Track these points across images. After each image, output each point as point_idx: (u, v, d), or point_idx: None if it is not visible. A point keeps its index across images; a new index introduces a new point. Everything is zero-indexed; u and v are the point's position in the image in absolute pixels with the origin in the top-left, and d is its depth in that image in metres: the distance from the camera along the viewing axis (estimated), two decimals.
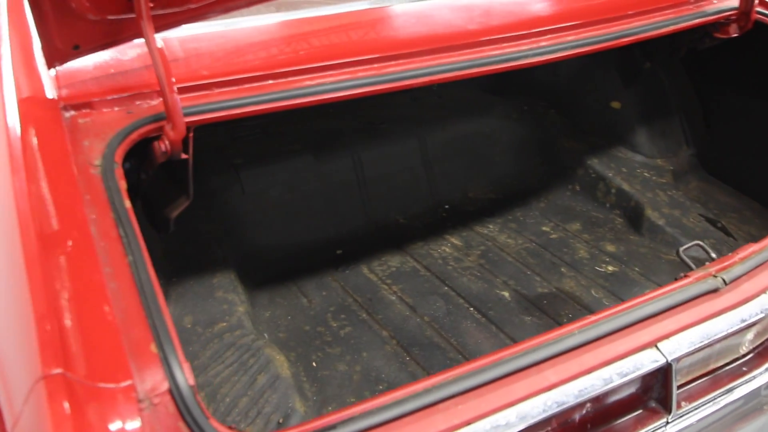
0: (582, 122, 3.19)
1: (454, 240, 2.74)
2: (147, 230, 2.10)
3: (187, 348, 1.98)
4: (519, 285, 2.48)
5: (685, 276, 1.58)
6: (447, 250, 2.69)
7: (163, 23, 1.49)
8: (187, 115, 1.55)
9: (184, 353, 1.15)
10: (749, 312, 1.57)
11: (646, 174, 2.96)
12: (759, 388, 1.63)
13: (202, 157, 2.63)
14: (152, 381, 1.10)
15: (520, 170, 3.13)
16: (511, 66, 1.96)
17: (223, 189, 2.54)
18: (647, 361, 1.43)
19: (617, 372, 1.39)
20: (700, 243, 1.79)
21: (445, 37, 1.94)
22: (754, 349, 1.65)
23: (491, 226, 2.85)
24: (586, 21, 2.21)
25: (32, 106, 1.47)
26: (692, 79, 3.01)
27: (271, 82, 1.68)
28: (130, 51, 1.67)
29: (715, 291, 1.57)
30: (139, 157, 1.65)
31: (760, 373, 1.63)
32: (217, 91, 1.64)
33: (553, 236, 2.78)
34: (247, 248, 2.53)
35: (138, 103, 1.59)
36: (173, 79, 1.44)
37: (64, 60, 1.54)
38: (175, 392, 1.10)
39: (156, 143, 1.52)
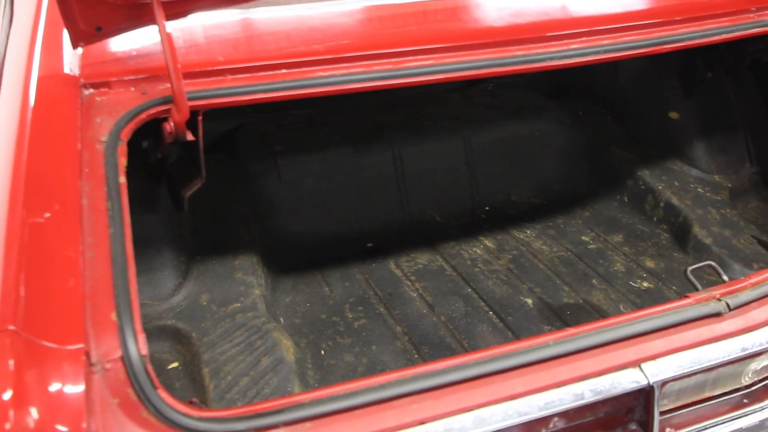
0: (638, 131, 3.07)
1: (488, 242, 2.71)
2: (175, 210, 2.20)
3: (198, 325, 2.06)
4: (545, 293, 2.42)
5: (686, 296, 1.50)
6: (478, 251, 2.65)
7: (177, 11, 1.56)
8: (195, 98, 1.61)
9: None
10: (753, 341, 1.47)
11: (700, 189, 2.81)
12: (762, 423, 1.53)
13: (244, 143, 2.72)
14: (106, 347, 1.15)
15: (567, 176, 3.04)
16: (542, 66, 1.90)
17: (261, 174, 2.61)
18: (626, 381, 1.37)
19: (591, 389, 1.34)
20: (713, 263, 1.69)
21: (470, 34, 1.91)
22: (760, 381, 1.55)
23: (528, 231, 2.79)
24: (626, 25, 2.12)
25: (51, 82, 1.57)
26: (763, 91, 2.83)
27: (284, 71, 1.72)
28: (154, 35, 1.75)
29: (717, 315, 1.48)
30: (155, 137, 1.73)
31: (763, 408, 1.53)
32: (230, 77, 1.69)
33: (592, 246, 2.70)
34: (278, 234, 2.59)
35: (153, 85, 1.66)
36: (179, 65, 1.50)
37: (88, 41, 1.62)
38: (126, 360, 1.15)
39: (164, 124, 1.59)
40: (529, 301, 2.39)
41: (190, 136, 1.64)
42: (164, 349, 2.03)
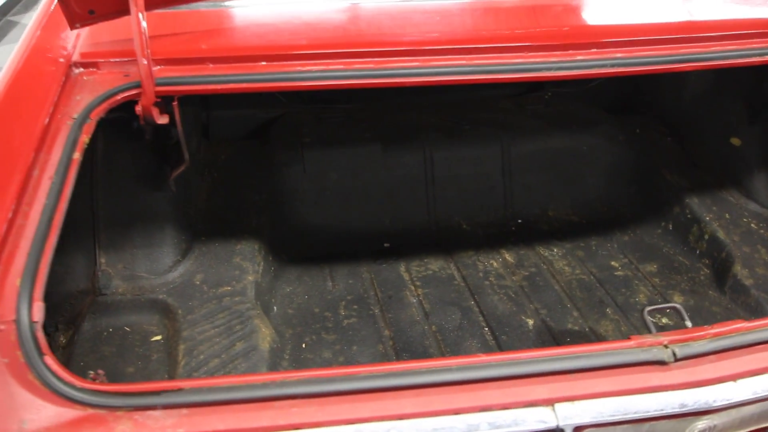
0: (697, 155, 2.83)
1: (508, 256, 2.60)
2: (187, 190, 2.29)
3: (186, 303, 2.13)
4: (550, 316, 2.30)
5: (630, 338, 1.38)
6: (495, 264, 2.56)
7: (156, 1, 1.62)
8: (169, 84, 1.67)
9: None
10: (696, 398, 1.32)
11: (753, 225, 2.55)
12: None
13: (277, 132, 2.78)
14: (4, 309, 1.23)
15: (612, 197, 2.86)
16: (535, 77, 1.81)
17: (285, 164, 2.65)
18: (532, 420, 1.27)
19: (489, 421, 1.26)
20: (677, 306, 1.54)
21: (462, 38, 1.85)
22: None
23: (555, 250, 2.65)
24: (690, 36, 1.96)
25: (41, 58, 1.68)
26: None
27: (264, 63, 1.74)
28: (152, 20, 1.83)
29: (660, 363, 1.34)
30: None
31: None
32: (211, 66, 1.73)
33: (618, 273, 2.53)
34: (295, 224, 2.62)
35: (137, 68, 1.73)
36: (148, 51, 1.57)
37: (83, 22, 1.72)
38: (18, 324, 1.22)
39: (135, 106, 1.66)
40: (531, 321, 2.28)
41: (161, 120, 1.70)
42: (152, 322, 2.12)
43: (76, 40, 1.78)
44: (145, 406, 1.23)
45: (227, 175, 2.59)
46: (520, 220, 2.81)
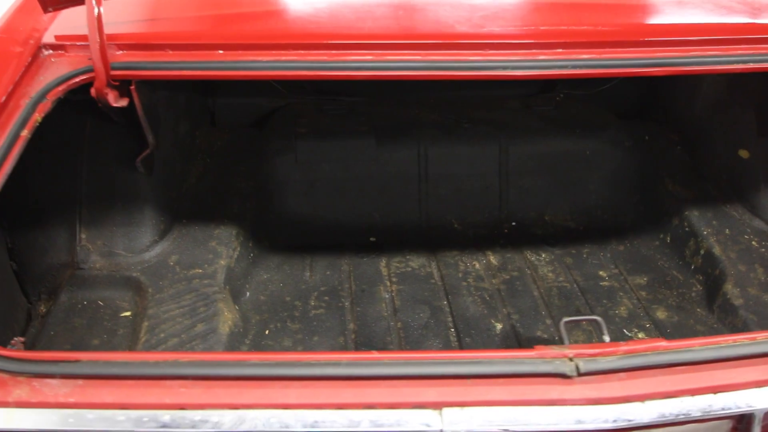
0: (704, 166, 2.70)
1: (493, 258, 2.56)
2: (172, 173, 2.36)
3: (157, 282, 2.19)
4: (521, 322, 2.25)
5: (534, 348, 1.34)
6: (477, 265, 2.52)
7: None
8: (125, 68, 1.73)
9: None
10: (594, 416, 1.27)
11: (754, 243, 2.42)
12: None
13: (275, 122, 2.82)
14: None
15: (613, 204, 2.76)
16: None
17: (278, 153, 2.68)
18: (416, 422, 1.26)
19: (372, 419, 1.26)
20: (598, 319, 1.47)
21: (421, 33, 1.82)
22: None
23: (544, 255, 2.59)
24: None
25: (10, 41, 1.76)
26: None
27: (221, 52, 1.77)
28: (118, 7, 1.89)
29: (561, 376, 1.30)
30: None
31: None
32: (170, 52, 1.78)
33: (604, 283, 2.44)
34: (283, 213, 2.65)
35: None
36: (99, 37, 1.62)
37: (56, 6, 1.80)
38: None
39: (90, 89, 1.72)
40: (499, 326, 2.24)
41: (119, 103, 1.76)
42: (125, 298, 2.20)
43: (50, 24, 1.86)
44: (44, 374, 1.28)
45: (220, 161, 2.65)
46: (514, 223, 2.76)
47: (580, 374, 1.30)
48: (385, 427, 1.26)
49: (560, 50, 1.79)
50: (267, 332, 2.21)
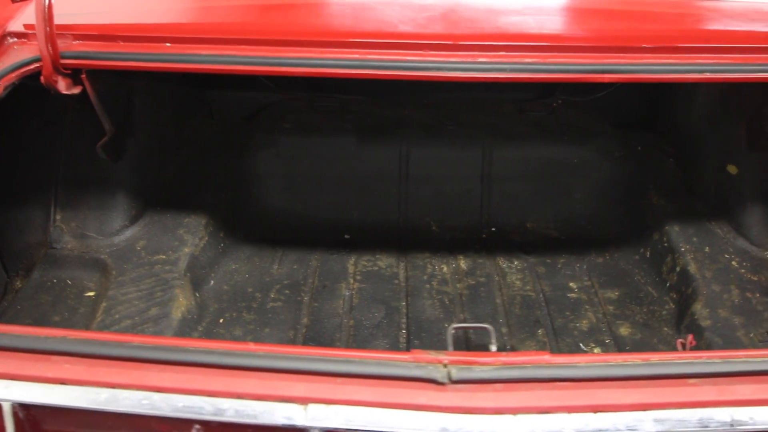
0: (693, 180, 2.59)
1: (462, 263, 2.53)
2: (147, 161, 2.43)
3: (122, 265, 2.27)
4: (475, 329, 2.22)
5: (410, 352, 1.32)
6: (444, 269, 2.50)
7: None
8: (75, 58, 1.80)
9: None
10: (460, 425, 1.25)
11: (734, 263, 2.31)
12: None
13: (263, 117, 2.86)
14: None
15: (598, 215, 2.68)
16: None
17: (261, 147, 2.72)
18: (279, 415, 1.26)
19: (238, 408, 1.27)
20: (489, 327, 1.44)
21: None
22: None
23: (516, 262, 2.54)
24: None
25: None
26: None
27: (168, 44, 1.82)
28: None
29: (432, 382, 1.28)
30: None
31: None
32: (121, 43, 1.84)
33: (572, 295, 2.38)
34: (261, 206, 2.69)
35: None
36: (46, 27, 1.70)
37: None
38: None
39: (40, 77, 1.80)
40: (452, 331, 2.21)
41: (70, 90, 1.84)
42: (92, 279, 2.29)
43: (20, 14, 1.96)
44: None
45: (204, 152, 2.71)
46: (494, 229, 2.72)
47: (452, 381, 1.28)
48: (249, 418, 1.27)
49: (503, 53, 1.76)
50: (221, 321, 2.25)
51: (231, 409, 1.28)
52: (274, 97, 3.03)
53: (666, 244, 2.41)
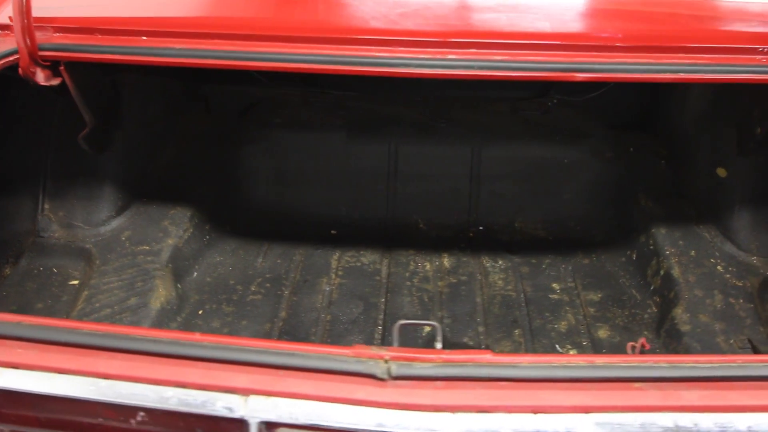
0: (684, 182, 2.55)
1: (446, 261, 2.52)
2: (136, 154, 2.47)
3: (106, 255, 2.31)
4: (452, 326, 2.22)
5: (352, 346, 1.33)
6: (428, 267, 2.50)
7: None
8: (50, 49, 1.83)
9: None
10: (397, 422, 1.25)
11: (719, 267, 2.27)
12: None
13: (258, 111, 2.88)
14: None
15: (588, 216, 2.66)
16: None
17: (251, 141, 2.74)
18: (220, 405, 1.28)
19: (180, 397, 1.28)
20: (436, 325, 1.43)
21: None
22: None
23: (501, 262, 2.53)
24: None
25: None
26: None
27: (144, 38, 1.85)
28: None
29: (372, 377, 1.28)
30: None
31: None
32: (99, 36, 1.87)
33: (553, 296, 2.36)
34: (249, 200, 2.71)
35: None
36: (24, 20, 1.73)
37: None
38: None
39: (18, 68, 1.83)
40: (428, 329, 2.21)
41: (48, 82, 1.87)
42: (77, 267, 2.33)
43: (4, 6, 2.00)
44: None
45: (195, 145, 2.74)
46: (481, 228, 2.70)
47: (392, 377, 1.28)
48: (192, 407, 1.29)
49: (473, 50, 1.75)
50: (201, 312, 2.27)
51: (174, 398, 1.29)
52: (271, 91, 3.04)
53: (652, 247, 2.38)
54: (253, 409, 1.28)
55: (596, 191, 2.66)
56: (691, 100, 2.56)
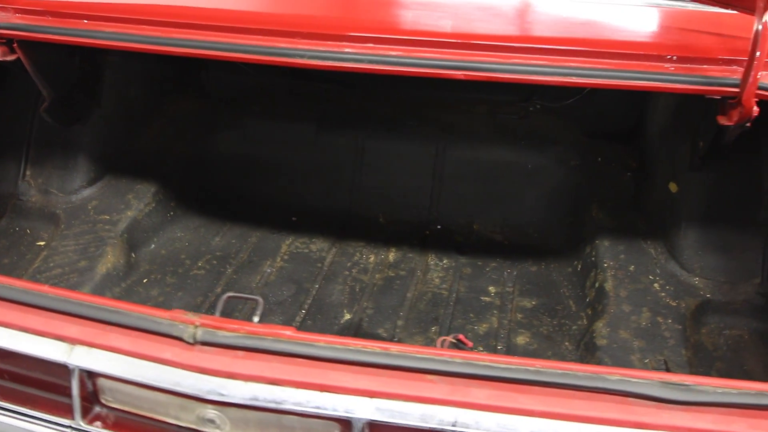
0: (643, 195, 2.45)
1: (392, 255, 2.55)
2: (111, 130, 2.65)
3: (70, 221, 2.50)
4: (371, 318, 2.25)
5: (173, 310, 1.41)
6: (371, 259, 2.54)
7: None
8: (4, 29, 2.02)
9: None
10: (191, 383, 1.32)
11: (656, 285, 2.18)
12: None
13: (240, 98, 3.00)
14: None
15: (546, 224, 2.61)
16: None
17: (226, 127, 2.88)
18: (49, 352, 1.40)
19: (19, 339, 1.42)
20: (259, 299, 1.47)
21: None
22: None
23: (446, 261, 2.53)
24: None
25: None
26: None
27: (85, 21, 2.00)
28: None
29: (179, 340, 1.36)
30: None
31: None
32: (49, 18, 2.04)
33: (485, 299, 2.34)
34: (219, 182, 2.84)
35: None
36: None
37: None
38: None
39: None
40: (347, 317, 2.26)
41: (3, 57, 2.06)
42: (47, 230, 2.54)
43: None
44: None
45: (177, 127, 2.90)
46: (439, 227, 2.71)
47: (197, 342, 1.36)
48: (25, 350, 1.42)
49: (453, 50, 1.77)
50: (145, 281, 2.42)
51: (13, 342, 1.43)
52: (263, 79, 3.15)
53: (593, 259, 2.32)
54: (77, 357, 1.39)
55: (556, 199, 2.61)
56: (658, 112, 2.46)
